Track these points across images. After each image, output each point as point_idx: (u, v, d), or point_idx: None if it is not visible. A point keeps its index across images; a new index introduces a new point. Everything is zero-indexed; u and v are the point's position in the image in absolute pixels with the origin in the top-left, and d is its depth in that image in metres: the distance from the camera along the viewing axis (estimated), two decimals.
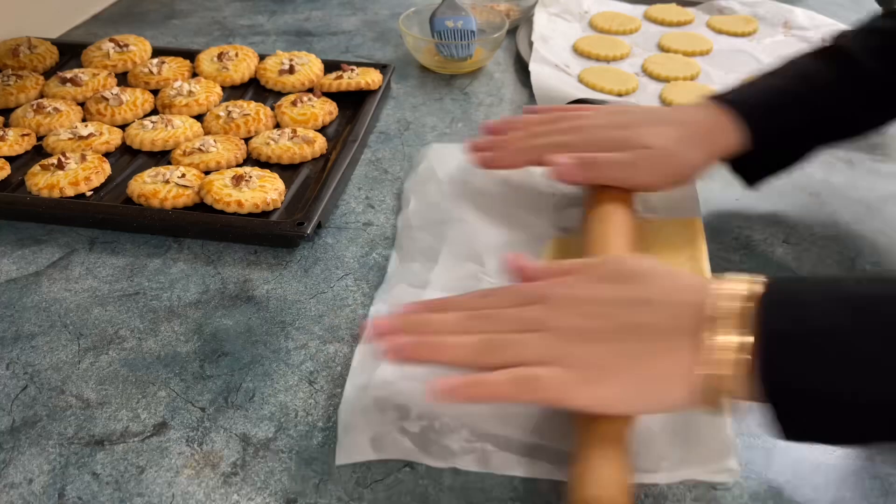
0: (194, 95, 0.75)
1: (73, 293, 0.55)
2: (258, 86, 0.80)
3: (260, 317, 0.54)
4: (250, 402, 0.47)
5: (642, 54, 0.90)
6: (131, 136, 0.70)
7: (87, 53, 0.83)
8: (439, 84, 0.84)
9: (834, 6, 1.05)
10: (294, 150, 0.67)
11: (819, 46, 0.59)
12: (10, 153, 0.68)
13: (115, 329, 0.53)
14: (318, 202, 0.60)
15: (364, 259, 0.59)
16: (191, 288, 0.56)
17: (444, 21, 0.86)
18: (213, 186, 0.61)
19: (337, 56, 0.90)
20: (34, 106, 0.72)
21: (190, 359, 0.50)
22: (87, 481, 0.43)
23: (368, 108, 0.74)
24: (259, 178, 0.63)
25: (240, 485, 0.43)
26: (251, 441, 0.45)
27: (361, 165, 0.70)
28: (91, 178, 0.63)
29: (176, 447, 0.45)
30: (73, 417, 0.46)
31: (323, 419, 0.46)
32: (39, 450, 0.44)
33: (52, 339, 0.52)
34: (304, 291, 0.56)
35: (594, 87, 0.81)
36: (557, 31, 0.93)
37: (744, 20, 0.97)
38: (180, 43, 0.93)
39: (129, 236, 0.61)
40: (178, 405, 0.47)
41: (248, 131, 0.71)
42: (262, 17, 1.00)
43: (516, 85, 0.85)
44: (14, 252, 0.59)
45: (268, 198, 0.61)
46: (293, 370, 0.50)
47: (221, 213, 0.60)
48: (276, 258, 0.59)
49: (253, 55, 0.83)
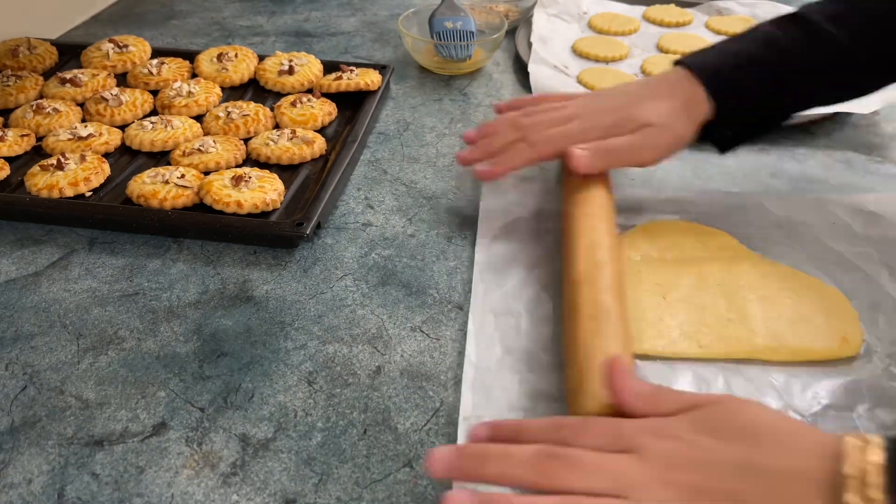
0: (194, 96, 0.75)
1: (73, 293, 0.56)
2: (258, 86, 0.80)
3: (259, 317, 0.54)
4: (249, 403, 0.47)
5: (641, 55, 0.90)
6: (131, 137, 0.70)
7: (87, 54, 0.83)
8: (438, 85, 0.84)
9: None
10: (293, 150, 0.67)
11: (783, 14, 0.59)
12: (9, 153, 0.68)
13: (115, 329, 0.53)
14: (318, 202, 0.60)
15: (363, 259, 0.59)
16: (190, 288, 0.56)
17: (443, 22, 0.86)
18: (213, 187, 0.61)
19: (336, 57, 0.90)
20: (34, 106, 0.72)
21: (189, 359, 0.50)
22: (87, 481, 0.43)
23: (368, 108, 0.74)
24: (258, 178, 0.63)
25: (239, 485, 0.43)
26: (250, 441, 0.45)
27: (361, 166, 0.70)
28: (90, 179, 0.63)
29: (175, 447, 0.45)
30: (73, 418, 0.46)
31: (322, 419, 0.46)
32: (39, 450, 0.44)
33: (51, 339, 0.52)
34: (303, 292, 0.56)
35: (593, 87, 0.82)
36: (556, 31, 0.93)
37: (742, 21, 0.97)
38: (180, 44, 0.94)
39: (129, 237, 0.61)
40: (177, 405, 0.47)
41: (247, 132, 0.71)
42: (262, 18, 1.00)
43: (515, 86, 0.85)
44: (13, 252, 0.59)
45: (267, 198, 0.61)
46: (292, 370, 0.50)
47: (221, 214, 0.60)
48: (275, 258, 0.59)
49: (252, 56, 0.83)
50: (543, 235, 0.60)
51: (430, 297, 0.55)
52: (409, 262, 0.59)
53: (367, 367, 0.50)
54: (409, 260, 0.59)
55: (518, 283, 0.56)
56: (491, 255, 0.58)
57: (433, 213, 0.64)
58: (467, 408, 0.46)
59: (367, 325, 0.53)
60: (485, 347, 0.50)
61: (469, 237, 0.61)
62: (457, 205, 0.65)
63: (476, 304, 0.54)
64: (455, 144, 0.73)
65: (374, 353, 0.51)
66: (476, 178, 0.61)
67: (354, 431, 0.46)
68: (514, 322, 0.52)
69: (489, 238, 0.60)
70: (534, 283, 0.56)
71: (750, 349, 0.50)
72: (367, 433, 0.46)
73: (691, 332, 0.51)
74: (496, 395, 0.47)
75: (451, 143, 0.74)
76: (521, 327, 0.52)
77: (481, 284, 0.55)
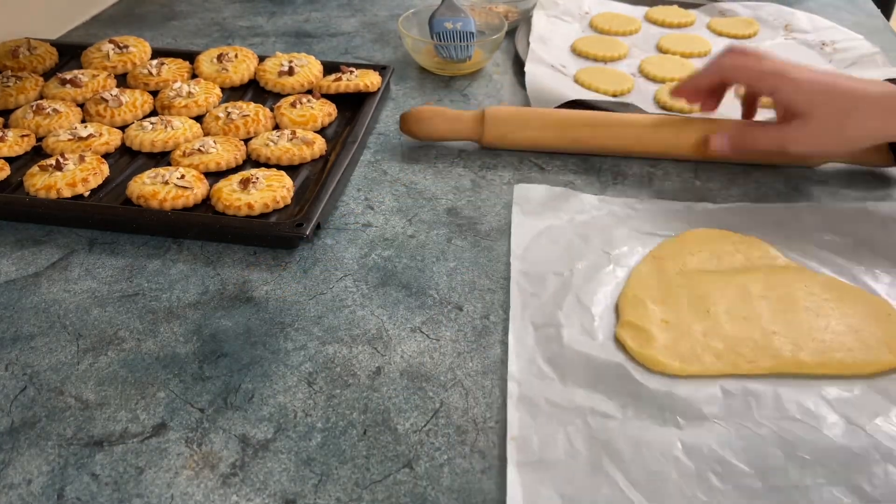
0: (194, 97, 0.75)
1: (73, 294, 0.55)
2: (257, 87, 0.80)
3: (259, 318, 0.54)
4: (249, 403, 0.47)
5: (640, 55, 0.90)
6: (131, 137, 0.70)
7: (87, 55, 0.83)
8: (438, 85, 0.84)
9: (831, 7, 1.06)
10: (293, 151, 0.67)
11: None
12: (9, 154, 0.68)
13: (115, 330, 0.53)
14: (318, 203, 0.60)
15: (363, 260, 0.59)
16: (190, 289, 0.56)
17: (443, 22, 0.86)
18: (223, 193, 0.61)
19: (336, 57, 0.90)
20: (34, 107, 0.72)
21: (189, 360, 0.50)
22: (87, 482, 0.43)
23: (368, 109, 0.74)
24: (266, 178, 0.63)
25: (239, 486, 0.43)
26: (250, 442, 0.45)
27: (361, 167, 0.70)
28: (88, 180, 0.63)
29: (175, 448, 0.45)
30: (73, 418, 0.46)
31: (322, 420, 0.46)
32: (38, 451, 0.44)
33: (51, 339, 0.52)
34: (303, 292, 0.56)
35: (589, 86, 0.81)
36: (556, 31, 0.94)
37: (745, 22, 0.97)
38: (180, 44, 0.94)
39: (129, 237, 0.61)
40: (177, 406, 0.47)
41: (247, 132, 0.71)
42: (262, 19, 1.00)
43: (515, 86, 0.85)
44: (13, 253, 0.59)
45: (277, 196, 0.61)
46: (292, 371, 0.50)
47: (221, 214, 0.60)
48: (275, 259, 0.59)
49: (252, 56, 0.83)
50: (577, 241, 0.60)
51: (430, 297, 0.55)
52: (409, 263, 0.59)
53: (367, 368, 0.50)
54: (408, 261, 0.59)
55: (555, 290, 0.55)
56: (526, 263, 0.58)
57: (433, 213, 0.64)
58: (514, 427, 0.45)
59: (366, 326, 0.53)
60: (526, 361, 0.49)
61: (469, 238, 0.61)
62: (457, 205, 0.65)
63: (514, 315, 0.53)
64: (455, 144, 0.73)
65: (374, 353, 0.51)
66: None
67: (354, 432, 0.46)
68: (555, 332, 0.51)
69: (522, 248, 0.59)
70: (572, 289, 0.55)
71: (797, 363, 0.49)
72: (366, 434, 0.46)
73: (737, 347, 0.50)
74: (543, 409, 0.46)
75: (450, 143, 0.74)
76: (562, 338, 0.51)
77: (518, 295, 0.54)
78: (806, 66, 0.63)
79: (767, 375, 0.49)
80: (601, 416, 0.46)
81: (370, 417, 0.46)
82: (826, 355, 0.49)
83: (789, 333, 0.51)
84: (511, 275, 0.56)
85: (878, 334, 0.51)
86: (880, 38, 0.96)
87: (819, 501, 0.41)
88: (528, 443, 0.44)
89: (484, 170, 0.70)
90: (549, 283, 0.55)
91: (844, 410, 0.46)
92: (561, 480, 0.42)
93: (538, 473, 0.43)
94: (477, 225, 0.62)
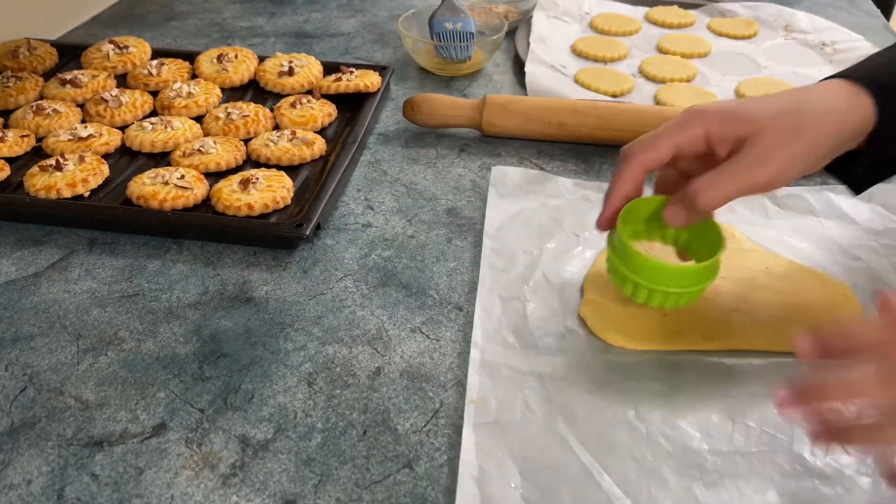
0: (194, 97, 0.75)
1: (73, 294, 0.55)
2: (257, 87, 0.80)
3: (259, 318, 0.54)
4: (249, 404, 0.47)
5: (640, 55, 0.90)
6: (131, 138, 0.70)
7: (87, 55, 0.83)
8: (438, 86, 0.84)
9: (831, 8, 1.06)
10: (293, 151, 0.67)
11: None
12: (9, 154, 0.68)
13: (115, 330, 0.53)
14: (318, 203, 0.60)
15: (363, 260, 0.59)
16: (190, 289, 0.56)
17: (443, 23, 0.86)
18: (223, 194, 0.61)
19: (336, 58, 0.90)
20: (34, 107, 0.72)
21: (189, 360, 0.50)
22: (86, 482, 0.43)
23: (368, 109, 0.74)
24: (266, 178, 0.63)
25: (239, 486, 0.43)
26: (250, 442, 0.45)
27: (361, 167, 0.70)
28: (88, 180, 0.63)
29: (175, 448, 0.45)
30: (72, 419, 0.46)
31: (322, 420, 0.46)
32: (38, 451, 0.44)
33: (51, 340, 0.52)
34: (303, 293, 0.56)
35: (589, 87, 0.82)
36: (556, 32, 0.94)
37: (745, 23, 0.97)
38: (180, 44, 0.94)
39: (129, 237, 0.61)
40: (177, 406, 0.47)
41: (247, 133, 0.71)
42: (262, 19, 1.00)
43: (515, 87, 0.85)
44: (13, 253, 0.59)
45: (277, 196, 0.61)
46: (292, 371, 0.50)
47: (221, 215, 0.60)
48: (275, 259, 0.59)
49: (252, 57, 0.83)
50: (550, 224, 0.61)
51: (429, 298, 0.55)
52: (409, 263, 0.59)
53: (367, 368, 0.50)
54: (408, 261, 0.59)
55: (524, 267, 0.57)
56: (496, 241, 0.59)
57: (433, 213, 0.64)
58: (473, 391, 0.47)
59: (366, 326, 0.53)
60: (492, 331, 0.51)
61: (469, 238, 0.61)
62: (457, 205, 0.65)
63: (483, 289, 0.55)
64: (455, 145, 0.73)
65: (374, 354, 0.51)
66: None
67: (354, 432, 0.46)
68: (521, 306, 0.53)
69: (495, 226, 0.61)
70: (539, 267, 0.57)
71: (752, 341, 0.51)
72: (366, 434, 0.46)
73: (696, 324, 0.52)
74: (503, 374, 0.48)
75: (450, 143, 0.74)
76: (526, 311, 0.53)
77: (488, 270, 0.56)
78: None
79: (724, 352, 0.51)
80: (560, 380, 0.48)
81: (370, 418, 0.46)
82: (781, 335, 0.50)
83: (747, 312, 0.52)
84: (482, 251, 0.58)
85: (834, 315, 0.52)
86: (880, 38, 0.96)
87: (759, 464, 0.43)
88: (486, 405, 0.46)
89: (484, 170, 0.70)
90: (518, 261, 0.58)
91: None
92: (514, 439, 0.44)
93: (493, 433, 0.45)
94: (477, 225, 0.62)
